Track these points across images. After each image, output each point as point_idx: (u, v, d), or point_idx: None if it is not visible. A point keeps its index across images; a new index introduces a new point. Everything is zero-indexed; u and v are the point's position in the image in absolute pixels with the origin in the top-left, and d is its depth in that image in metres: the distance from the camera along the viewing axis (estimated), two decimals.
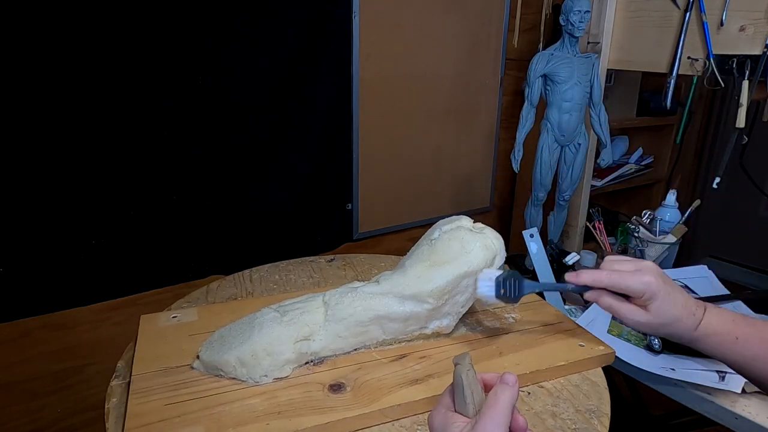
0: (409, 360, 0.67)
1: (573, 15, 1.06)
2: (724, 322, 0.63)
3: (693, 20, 1.04)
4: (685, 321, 0.62)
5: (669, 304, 0.62)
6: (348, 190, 1.36)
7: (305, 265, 0.99)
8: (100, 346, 1.08)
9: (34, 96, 0.90)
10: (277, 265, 0.97)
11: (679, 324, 0.62)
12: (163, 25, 0.98)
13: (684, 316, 0.62)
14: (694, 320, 0.63)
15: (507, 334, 0.74)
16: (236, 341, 0.63)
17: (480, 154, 1.65)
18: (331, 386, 0.61)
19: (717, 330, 0.62)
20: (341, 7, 1.21)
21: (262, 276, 0.93)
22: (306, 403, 0.58)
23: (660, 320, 0.62)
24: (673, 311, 0.62)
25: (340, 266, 0.99)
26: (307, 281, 0.92)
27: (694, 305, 0.63)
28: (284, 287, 0.89)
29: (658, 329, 0.64)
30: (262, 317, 0.66)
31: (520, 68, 1.61)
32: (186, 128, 1.06)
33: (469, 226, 0.73)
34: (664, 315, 0.62)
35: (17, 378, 1.00)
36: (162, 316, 0.74)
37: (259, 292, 0.87)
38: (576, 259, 1.11)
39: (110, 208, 1.01)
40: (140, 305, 1.11)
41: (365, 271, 0.97)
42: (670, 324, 0.62)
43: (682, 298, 0.63)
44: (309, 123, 1.23)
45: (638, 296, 0.63)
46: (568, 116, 1.12)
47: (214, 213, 1.15)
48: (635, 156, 1.93)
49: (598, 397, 0.63)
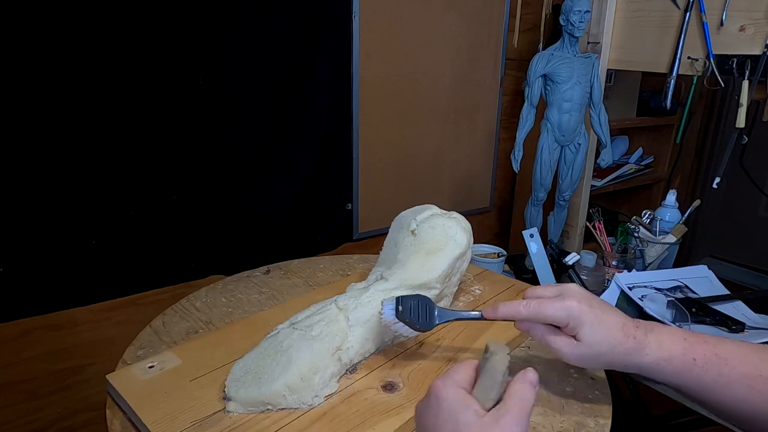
0: (429, 347, 0.70)
1: (573, 15, 1.06)
2: (675, 341, 0.52)
3: (693, 20, 1.04)
4: (627, 346, 0.52)
5: (601, 328, 0.53)
6: (348, 190, 1.36)
7: (244, 281, 0.91)
8: (100, 346, 1.08)
9: (34, 96, 0.90)
10: (215, 288, 0.88)
11: (619, 351, 0.52)
12: (163, 25, 0.98)
13: (623, 341, 0.52)
14: (638, 345, 0.52)
15: (483, 303, 0.82)
16: (276, 369, 0.58)
17: (480, 154, 1.65)
18: (383, 387, 0.61)
19: (672, 353, 0.52)
20: (341, 7, 1.21)
21: (207, 302, 0.83)
22: (374, 408, 0.57)
23: (594, 349, 0.53)
24: (607, 337, 0.52)
25: (282, 276, 0.93)
26: (260, 297, 0.85)
27: (634, 327, 0.54)
28: (241, 308, 0.81)
29: (598, 360, 0.54)
30: (288, 338, 0.62)
31: (520, 68, 1.61)
32: (186, 128, 1.06)
33: (439, 212, 0.78)
34: (598, 342, 0.52)
35: (17, 378, 1.00)
36: (133, 369, 0.62)
37: (218, 318, 0.78)
38: (576, 259, 1.11)
39: (110, 208, 1.01)
40: (140, 305, 1.11)
41: (310, 276, 0.93)
42: (608, 352, 0.53)
43: (618, 319, 0.54)
44: (309, 123, 1.23)
45: (563, 324, 0.54)
46: (568, 116, 1.12)
47: (214, 213, 1.15)
48: (635, 156, 1.93)
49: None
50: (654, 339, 0.53)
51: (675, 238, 1.18)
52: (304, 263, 0.99)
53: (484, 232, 1.78)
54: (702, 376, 0.51)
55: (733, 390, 0.49)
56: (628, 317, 0.55)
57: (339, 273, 0.95)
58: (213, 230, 1.16)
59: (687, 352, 0.51)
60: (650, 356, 0.52)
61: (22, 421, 1.02)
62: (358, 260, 1.01)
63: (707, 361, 0.51)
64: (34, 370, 1.02)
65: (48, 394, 1.04)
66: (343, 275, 0.94)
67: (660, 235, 1.21)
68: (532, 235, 1.09)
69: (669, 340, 0.53)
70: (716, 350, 0.51)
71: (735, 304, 1.00)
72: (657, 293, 1.04)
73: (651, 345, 0.52)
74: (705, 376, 0.50)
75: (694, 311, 0.93)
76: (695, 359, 0.51)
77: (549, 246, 1.18)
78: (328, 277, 0.93)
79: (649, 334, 0.53)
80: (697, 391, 0.52)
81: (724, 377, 0.50)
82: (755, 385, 0.49)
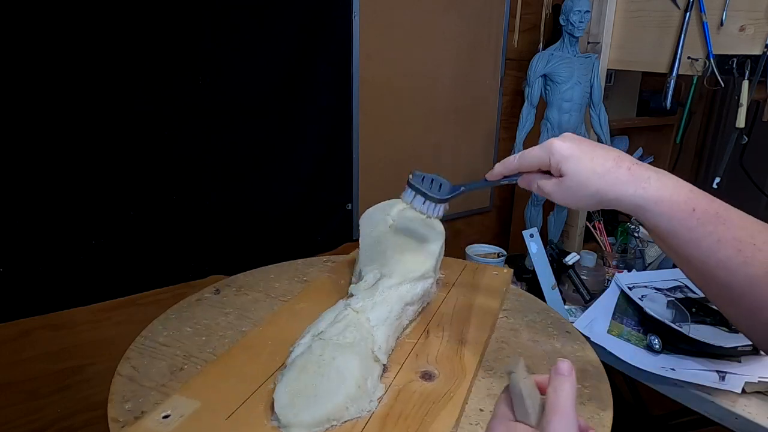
0: (436, 330, 0.72)
1: (573, 15, 1.06)
2: (679, 187, 0.50)
3: (693, 20, 1.04)
4: (617, 175, 0.51)
5: (585, 159, 0.52)
6: (348, 190, 1.36)
7: (199, 305, 0.81)
8: (100, 346, 1.08)
9: (33, 96, 0.90)
10: (168, 318, 0.77)
11: (608, 180, 0.51)
12: (163, 26, 0.98)
13: (612, 169, 0.51)
14: (633, 176, 0.51)
15: (452, 286, 0.86)
16: (330, 384, 0.56)
17: (480, 154, 1.65)
18: (422, 377, 0.62)
19: (673, 196, 0.49)
20: (341, 7, 1.21)
21: (171, 335, 0.72)
22: (427, 399, 0.58)
23: (578, 179, 0.52)
24: (593, 166, 0.51)
25: (236, 293, 0.85)
26: (229, 318, 0.77)
27: (632, 162, 0.52)
28: (215, 333, 0.73)
29: (585, 192, 0.52)
30: (325, 351, 0.59)
31: (520, 68, 1.61)
32: (186, 128, 1.06)
33: (405, 205, 0.81)
34: (581, 172, 0.51)
35: (17, 378, 1.00)
36: (148, 424, 0.53)
37: (197, 349, 0.69)
38: (576, 259, 1.11)
39: (110, 208, 1.01)
40: (140, 305, 1.11)
41: (268, 288, 0.87)
42: (595, 181, 0.51)
43: (612, 153, 0.52)
44: (309, 123, 1.23)
45: (546, 163, 0.54)
46: (568, 116, 1.12)
47: (214, 213, 1.15)
48: (635, 156, 1.93)
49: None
50: (656, 178, 0.51)
51: None
52: (251, 276, 0.92)
53: (484, 232, 1.78)
54: (696, 228, 0.49)
55: (721, 250, 0.48)
56: (626, 155, 0.53)
57: (295, 280, 0.91)
58: (213, 230, 1.15)
59: (689, 201, 0.49)
60: (648, 191, 0.50)
61: (22, 421, 1.02)
62: (305, 265, 0.98)
63: (706, 215, 0.49)
64: (34, 370, 1.02)
65: (48, 394, 1.04)
66: (300, 282, 0.90)
67: None
68: (532, 235, 1.09)
69: (673, 185, 0.50)
70: (718, 210, 0.49)
71: None
72: (657, 293, 1.04)
73: (651, 181, 0.50)
74: (699, 229, 0.49)
75: (695, 311, 0.93)
76: (695, 210, 0.49)
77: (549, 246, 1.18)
78: (287, 286, 0.88)
79: (652, 174, 0.51)
80: (684, 241, 0.50)
81: (716, 235, 0.48)
82: (744, 250, 0.47)
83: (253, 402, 0.57)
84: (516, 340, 0.74)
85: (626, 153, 0.54)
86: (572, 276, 1.11)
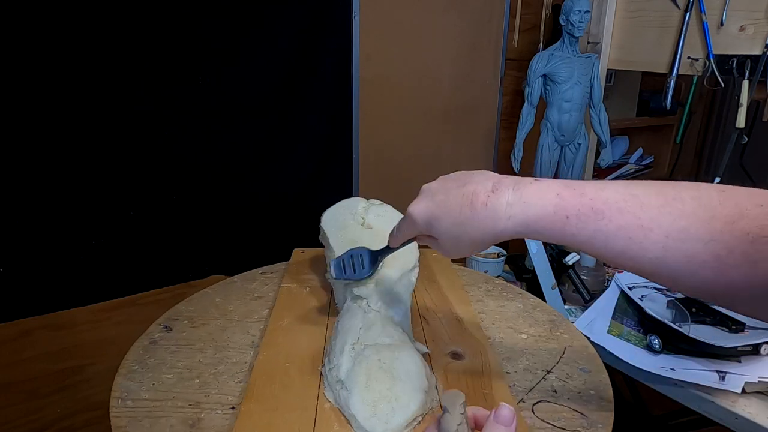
0: (429, 315, 0.76)
1: (573, 15, 1.06)
2: (545, 198, 0.45)
3: (693, 20, 1.04)
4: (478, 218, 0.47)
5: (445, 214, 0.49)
6: (348, 189, 1.36)
7: (158, 349, 0.70)
8: (100, 346, 1.08)
9: (33, 96, 0.89)
10: (131, 370, 0.65)
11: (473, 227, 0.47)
12: (163, 25, 0.98)
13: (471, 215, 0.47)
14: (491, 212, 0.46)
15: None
16: (405, 385, 0.56)
17: (480, 154, 1.65)
18: (453, 357, 0.65)
19: (540, 213, 0.45)
20: (341, 7, 1.21)
21: (153, 386, 0.62)
22: (475, 375, 0.62)
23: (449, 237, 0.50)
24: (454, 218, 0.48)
25: (193, 326, 0.75)
26: (206, 356, 0.68)
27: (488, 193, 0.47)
28: (205, 372, 0.65)
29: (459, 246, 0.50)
30: (377, 355, 0.58)
31: (520, 68, 1.61)
32: (186, 128, 1.06)
33: (366, 202, 0.84)
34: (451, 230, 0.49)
35: (17, 378, 1.00)
36: None
37: (201, 394, 0.61)
38: (576, 259, 1.11)
39: (110, 208, 1.01)
40: (140, 305, 1.11)
41: (224, 314, 0.79)
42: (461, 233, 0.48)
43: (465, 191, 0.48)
44: (309, 123, 1.23)
45: (420, 232, 0.53)
46: (568, 116, 1.12)
47: (214, 213, 1.15)
48: (635, 156, 1.93)
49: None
50: (517, 199, 0.46)
51: None
52: (193, 305, 0.81)
53: None
54: (577, 235, 0.44)
55: (611, 243, 0.44)
56: (494, 178, 0.49)
57: (247, 298, 0.83)
58: (213, 230, 1.15)
59: (558, 209, 0.45)
60: (513, 219, 0.46)
61: (22, 421, 1.02)
62: (244, 281, 0.90)
63: (582, 216, 0.44)
64: (34, 370, 1.02)
65: (48, 394, 1.04)
66: (253, 299, 0.83)
67: None
68: None
69: (537, 197, 0.45)
70: (593, 203, 0.44)
71: None
72: (657, 293, 1.04)
73: (514, 207, 0.46)
74: (580, 234, 0.44)
75: (695, 311, 0.93)
76: (568, 217, 0.44)
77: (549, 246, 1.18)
78: (242, 307, 0.81)
79: (511, 195, 0.46)
80: (581, 248, 0.46)
81: (601, 232, 0.44)
82: (634, 236, 0.43)
83: (323, 426, 0.54)
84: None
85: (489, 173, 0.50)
86: (572, 276, 1.11)
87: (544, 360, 0.70)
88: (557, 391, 0.63)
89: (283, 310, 0.77)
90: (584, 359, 0.70)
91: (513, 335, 0.76)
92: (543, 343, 0.74)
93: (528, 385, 0.63)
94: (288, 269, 0.93)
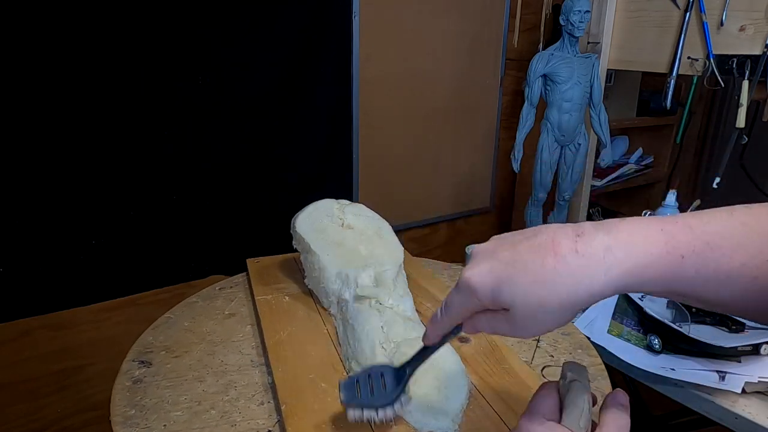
0: (420, 305, 0.78)
1: (573, 15, 1.06)
2: (651, 236, 0.36)
3: (693, 20, 1.04)
4: (566, 272, 0.35)
5: (521, 273, 0.37)
6: (348, 189, 1.36)
7: (145, 387, 0.63)
8: (100, 346, 1.08)
9: (34, 96, 0.90)
10: (127, 414, 0.58)
11: (559, 284, 0.35)
12: (163, 25, 0.98)
13: (556, 267, 0.35)
14: (585, 261, 0.35)
15: None
16: (448, 376, 0.56)
17: (480, 154, 1.65)
18: (460, 342, 0.68)
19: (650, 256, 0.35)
20: (341, 7, 1.21)
21: (167, 426, 0.56)
22: (486, 353, 0.65)
23: (528, 303, 0.36)
24: (534, 277, 0.36)
25: (177, 355, 0.69)
26: (205, 383, 0.64)
27: (571, 238, 0.36)
28: (212, 403, 0.60)
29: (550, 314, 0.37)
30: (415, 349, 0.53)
31: (520, 68, 1.61)
32: (186, 128, 1.06)
33: (338, 203, 0.86)
34: (530, 294, 0.36)
35: (17, 378, 1.00)
36: None
37: (226, 425, 0.56)
38: None
39: (110, 208, 1.01)
40: (140, 305, 1.11)
41: (210, 332, 0.75)
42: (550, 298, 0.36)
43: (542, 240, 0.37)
44: (309, 123, 1.23)
45: (479, 304, 0.39)
46: (568, 116, 1.12)
47: (214, 213, 1.15)
48: (635, 156, 1.93)
49: None
50: (615, 241, 0.36)
51: None
52: (163, 334, 0.74)
53: (485, 233, 1.78)
54: (695, 278, 0.36)
55: (734, 284, 0.36)
56: (568, 225, 0.38)
57: (220, 317, 0.79)
58: (213, 230, 1.15)
59: (671, 248, 0.36)
60: (614, 267, 0.35)
61: (22, 421, 1.02)
62: (205, 299, 0.85)
63: (697, 255, 0.36)
64: (34, 370, 1.02)
65: (48, 394, 1.04)
66: (226, 317, 0.79)
67: None
68: None
69: (640, 236, 0.36)
70: (705, 237, 0.36)
71: None
72: None
73: (614, 251, 0.35)
74: (699, 277, 0.36)
75: (695, 311, 0.93)
76: (683, 256, 0.36)
77: None
78: (220, 328, 0.76)
79: (605, 238, 0.36)
80: (687, 294, 0.37)
81: (721, 272, 0.35)
82: (762, 274, 0.35)
83: (381, 429, 0.53)
84: None
85: (553, 224, 0.39)
86: None
87: None
88: (553, 355, 0.71)
89: (273, 324, 0.73)
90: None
91: None
92: None
93: (528, 355, 0.71)
94: (253, 281, 0.87)
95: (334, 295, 0.73)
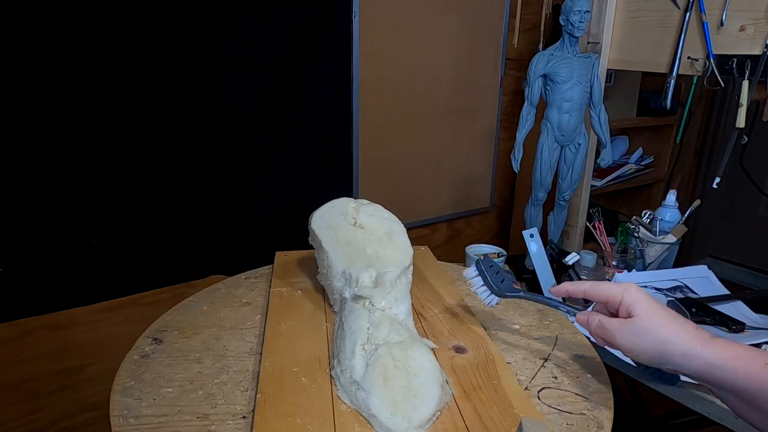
0: (424, 310, 0.78)
1: (573, 15, 1.06)
2: (742, 347, 0.50)
3: (693, 20, 1.04)
4: (685, 328, 0.51)
5: (660, 309, 0.53)
6: (348, 189, 1.36)
7: (148, 363, 0.67)
8: (100, 346, 1.08)
9: (34, 96, 0.90)
10: (126, 386, 0.62)
11: (676, 329, 0.51)
12: (163, 25, 0.98)
13: (681, 323, 0.51)
14: (699, 334, 0.50)
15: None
16: (422, 380, 0.56)
17: (480, 154, 1.65)
18: (457, 351, 0.68)
19: (740, 352, 0.48)
20: (341, 7, 1.21)
21: (157, 401, 0.59)
22: (480, 367, 0.64)
23: (649, 324, 0.52)
24: (665, 315, 0.52)
25: (180, 339, 0.72)
26: (202, 365, 0.67)
27: (696, 325, 0.52)
28: (202, 383, 0.63)
29: (651, 341, 0.52)
30: (393, 353, 0.58)
31: (520, 68, 1.61)
32: (186, 128, 1.06)
33: (355, 202, 0.85)
34: (656, 320, 0.52)
35: (17, 378, 1.00)
36: None
37: (207, 405, 0.59)
38: (576, 259, 1.11)
39: (110, 208, 1.01)
40: (140, 305, 1.11)
41: (216, 321, 0.78)
42: (664, 332, 0.51)
43: (679, 317, 0.53)
44: (309, 123, 1.23)
45: (617, 301, 0.55)
46: (568, 116, 1.12)
47: (214, 213, 1.15)
48: (635, 156, 1.93)
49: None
50: (721, 339, 0.50)
51: (675, 238, 1.18)
52: (180, 315, 0.79)
53: (484, 232, 1.78)
54: None
55: None
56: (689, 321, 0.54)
57: (235, 305, 0.83)
58: (213, 230, 1.16)
59: (757, 356, 0.47)
60: (717, 347, 0.49)
61: (22, 421, 1.02)
62: (230, 287, 0.89)
63: None
64: (34, 370, 1.02)
65: (48, 394, 1.04)
66: (241, 305, 0.82)
67: (660, 235, 1.21)
68: (532, 235, 1.09)
69: (736, 344, 0.50)
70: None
71: (735, 304, 1.00)
72: (657, 293, 1.04)
73: (719, 340, 0.49)
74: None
75: (694, 311, 0.93)
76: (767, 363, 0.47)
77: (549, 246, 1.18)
78: (233, 314, 0.79)
79: (716, 336, 0.51)
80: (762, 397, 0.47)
81: None
82: None
83: (344, 428, 0.53)
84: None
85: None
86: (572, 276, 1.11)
87: (539, 348, 0.72)
88: (557, 377, 0.66)
89: (278, 315, 0.76)
90: (576, 345, 0.73)
91: (506, 326, 0.78)
92: (536, 332, 0.77)
93: (530, 374, 0.66)
94: (274, 273, 0.92)
95: (338, 293, 0.74)
